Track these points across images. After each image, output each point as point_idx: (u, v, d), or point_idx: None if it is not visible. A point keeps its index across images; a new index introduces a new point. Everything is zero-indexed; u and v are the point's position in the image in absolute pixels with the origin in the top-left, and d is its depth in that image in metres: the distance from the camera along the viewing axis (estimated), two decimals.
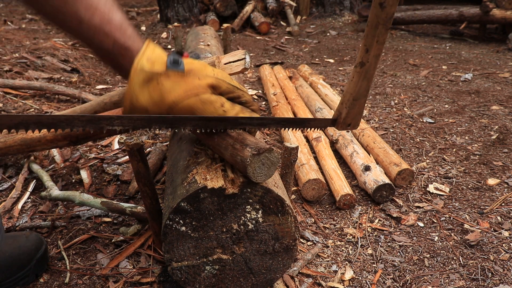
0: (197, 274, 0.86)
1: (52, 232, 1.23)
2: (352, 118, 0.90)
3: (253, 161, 0.75)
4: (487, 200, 1.43)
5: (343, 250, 1.19)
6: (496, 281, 1.06)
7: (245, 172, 0.77)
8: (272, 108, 2.15)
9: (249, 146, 0.76)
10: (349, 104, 0.87)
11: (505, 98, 2.40)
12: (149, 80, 0.75)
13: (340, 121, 0.90)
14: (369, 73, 0.83)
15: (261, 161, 0.76)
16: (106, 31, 0.72)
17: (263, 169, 0.77)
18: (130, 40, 0.75)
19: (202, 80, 0.77)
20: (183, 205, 0.79)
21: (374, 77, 2.90)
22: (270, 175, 0.79)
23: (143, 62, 0.75)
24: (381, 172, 1.45)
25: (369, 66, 0.81)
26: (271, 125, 0.85)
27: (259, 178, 0.78)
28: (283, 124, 0.86)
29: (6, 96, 2.24)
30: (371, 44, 0.79)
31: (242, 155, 0.76)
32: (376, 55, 0.80)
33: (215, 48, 1.85)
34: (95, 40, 0.73)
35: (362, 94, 0.86)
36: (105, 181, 1.51)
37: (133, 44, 0.76)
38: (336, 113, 0.91)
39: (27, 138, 1.27)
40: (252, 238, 0.84)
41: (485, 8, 3.87)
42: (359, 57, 0.82)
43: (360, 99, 0.87)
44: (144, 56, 0.75)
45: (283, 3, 4.89)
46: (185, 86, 0.76)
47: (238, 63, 1.05)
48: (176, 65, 0.76)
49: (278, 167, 0.94)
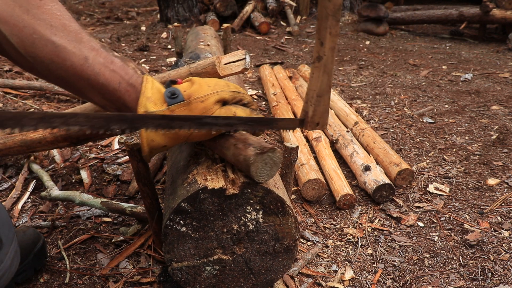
0: (197, 275, 0.86)
1: (52, 232, 1.23)
2: (320, 117, 0.86)
3: (256, 160, 0.75)
4: (487, 200, 1.43)
5: (343, 250, 1.19)
6: (496, 281, 1.06)
7: (248, 172, 0.77)
8: (272, 108, 2.15)
9: (252, 146, 0.76)
10: (314, 102, 0.84)
11: (505, 98, 2.40)
12: None
13: (307, 121, 0.87)
14: (328, 67, 0.81)
15: (264, 160, 0.76)
16: (112, 68, 0.73)
17: (266, 169, 0.77)
18: (134, 77, 0.76)
19: (206, 102, 0.77)
20: (183, 205, 0.79)
21: (374, 77, 2.90)
22: (272, 176, 0.78)
23: (147, 104, 0.74)
24: (381, 172, 1.45)
25: (326, 60, 0.80)
26: (238, 126, 0.81)
27: (262, 178, 0.78)
28: (250, 124, 0.83)
29: (6, 96, 2.24)
30: (325, 37, 0.78)
31: (245, 154, 0.76)
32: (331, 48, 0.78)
33: (215, 48, 1.85)
34: (100, 78, 0.72)
35: (325, 90, 0.83)
36: (105, 181, 1.51)
37: (137, 80, 0.76)
38: (303, 113, 0.88)
39: (27, 139, 1.27)
40: (253, 238, 0.84)
41: (485, 8, 3.87)
42: (315, 52, 0.80)
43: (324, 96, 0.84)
44: (145, 97, 0.75)
45: (283, 3, 4.88)
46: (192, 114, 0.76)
47: (238, 63, 1.05)
48: (174, 97, 0.76)
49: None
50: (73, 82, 0.72)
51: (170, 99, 0.76)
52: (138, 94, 0.75)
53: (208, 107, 0.77)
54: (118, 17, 5.51)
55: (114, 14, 5.72)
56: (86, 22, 5.32)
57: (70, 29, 0.70)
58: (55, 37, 0.67)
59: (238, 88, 0.84)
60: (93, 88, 0.73)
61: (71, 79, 0.72)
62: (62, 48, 0.68)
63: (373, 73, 3.02)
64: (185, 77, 1.07)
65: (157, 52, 3.63)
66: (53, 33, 0.67)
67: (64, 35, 0.68)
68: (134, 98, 0.75)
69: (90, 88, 0.73)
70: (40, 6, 0.67)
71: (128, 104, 0.76)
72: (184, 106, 0.76)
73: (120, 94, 0.75)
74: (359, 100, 2.45)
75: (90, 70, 0.71)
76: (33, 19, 0.66)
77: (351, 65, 3.25)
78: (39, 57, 0.68)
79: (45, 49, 0.67)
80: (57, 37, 0.68)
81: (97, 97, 0.76)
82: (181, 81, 0.82)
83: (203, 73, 1.06)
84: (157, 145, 0.77)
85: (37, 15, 0.67)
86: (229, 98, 0.81)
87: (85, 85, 0.73)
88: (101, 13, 5.90)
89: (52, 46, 0.67)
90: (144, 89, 0.76)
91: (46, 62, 0.68)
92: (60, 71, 0.70)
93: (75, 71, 0.70)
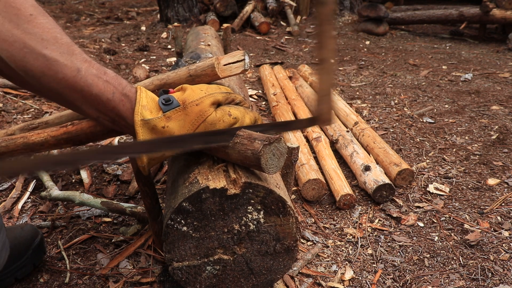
0: (198, 274, 0.86)
1: (52, 232, 1.23)
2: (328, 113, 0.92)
3: (265, 151, 0.75)
4: (487, 200, 1.43)
5: (343, 250, 1.19)
6: (496, 281, 1.07)
7: (257, 165, 0.77)
8: (272, 108, 2.15)
9: (258, 139, 0.77)
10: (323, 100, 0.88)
11: (505, 98, 2.40)
12: (153, 128, 0.75)
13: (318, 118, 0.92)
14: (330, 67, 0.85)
15: (272, 151, 0.76)
16: (105, 79, 0.72)
17: (274, 160, 0.77)
18: (127, 87, 0.76)
19: (201, 104, 0.78)
20: (184, 205, 0.80)
21: (374, 77, 2.90)
22: (280, 167, 0.79)
23: (143, 112, 0.74)
24: (381, 172, 1.46)
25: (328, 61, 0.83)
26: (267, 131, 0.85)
27: (271, 170, 0.78)
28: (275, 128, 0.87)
29: (6, 96, 2.24)
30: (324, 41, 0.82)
31: (252, 148, 0.76)
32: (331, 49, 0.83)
33: (215, 48, 1.85)
34: (93, 89, 0.71)
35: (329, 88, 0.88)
36: (105, 181, 1.51)
37: (130, 90, 0.76)
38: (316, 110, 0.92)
39: (29, 142, 1.27)
40: (253, 238, 0.84)
41: (485, 8, 3.87)
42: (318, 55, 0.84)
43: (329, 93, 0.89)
44: (141, 106, 0.75)
45: (283, 3, 4.88)
46: (189, 119, 0.77)
47: (238, 64, 1.05)
48: (169, 103, 0.76)
49: None
50: (65, 94, 0.71)
51: (165, 105, 0.76)
52: (132, 103, 0.75)
53: (204, 109, 0.78)
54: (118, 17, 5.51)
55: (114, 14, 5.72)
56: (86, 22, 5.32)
57: (61, 41, 0.69)
58: (46, 50, 0.67)
59: (228, 90, 0.86)
60: (86, 100, 0.73)
61: (64, 92, 0.71)
62: (54, 60, 0.67)
63: (373, 73, 3.02)
64: (184, 78, 1.07)
65: (157, 52, 3.63)
66: (44, 47, 0.67)
67: (56, 48, 0.68)
68: (128, 108, 0.75)
69: (83, 100, 0.73)
70: (31, 21, 0.67)
71: (123, 114, 0.75)
72: (180, 111, 0.76)
73: (115, 104, 0.74)
74: (359, 100, 2.45)
75: (83, 82, 0.70)
76: (24, 33, 0.65)
77: (351, 65, 3.25)
78: (30, 70, 0.67)
79: (36, 63, 0.66)
80: (48, 50, 0.67)
81: (91, 109, 0.75)
82: (173, 91, 0.83)
83: (203, 75, 1.06)
84: (156, 154, 0.77)
85: (28, 30, 0.66)
86: (222, 99, 0.82)
87: (78, 97, 0.72)
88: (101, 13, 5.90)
89: (44, 59, 0.67)
90: (139, 97, 0.75)
91: (38, 75, 0.67)
92: (52, 84, 0.69)
93: (68, 83, 0.69)
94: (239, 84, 1.34)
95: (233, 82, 1.27)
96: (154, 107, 0.76)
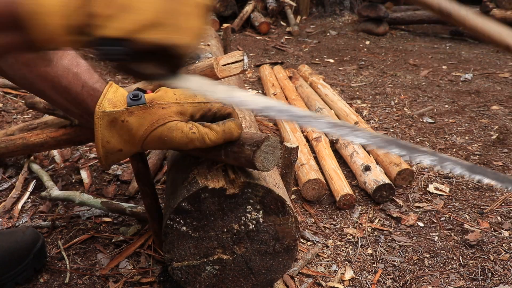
0: (197, 274, 0.86)
1: (52, 232, 1.23)
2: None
3: (257, 155, 0.76)
4: (487, 200, 1.43)
5: (343, 250, 1.19)
6: (496, 281, 1.06)
7: (255, 168, 0.77)
8: None
9: (246, 144, 0.77)
10: None
11: (505, 98, 2.40)
12: (113, 121, 0.73)
13: None
14: None
15: (263, 151, 0.77)
16: (76, 71, 0.72)
17: (269, 157, 0.78)
18: (98, 82, 0.75)
19: (167, 109, 0.75)
20: (183, 205, 0.80)
21: (374, 77, 2.90)
22: (277, 159, 0.80)
23: (105, 104, 0.73)
24: (381, 172, 1.46)
25: None
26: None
27: (270, 166, 0.78)
28: None
29: (6, 96, 2.24)
30: None
31: (244, 155, 0.77)
32: None
33: (215, 48, 1.85)
34: (63, 81, 0.70)
35: None
36: (105, 181, 1.51)
37: (101, 86, 0.75)
38: None
39: (29, 143, 1.27)
40: (253, 238, 0.84)
41: (485, 8, 3.87)
42: None
43: None
44: (105, 99, 0.74)
45: (283, 3, 4.88)
46: (150, 118, 0.74)
47: (237, 64, 1.05)
48: (136, 99, 0.75)
49: (279, 164, 0.94)
50: (36, 83, 0.71)
51: (132, 100, 0.74)
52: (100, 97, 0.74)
53: (167, 114, 0.75)
54: None
55: None
56: None
57: None
58: None
59: (205, 99, 0.81)
60: (56, 90, 0.72)
61: (35, 80, 0.70)
62: None
63: (373, 73, 3.02)
64: None
65: None
66: None
67: None
68: (96, 102, 0.74)
69: (53, 90, 0.72)
70: None
71: (91, 109, 0.74)
72: (144, 109, 0.74)
73: (83, 98, 0.73)
74: (359, 100, 2.45)
75: (53, 72, 0.70)
76: None
77: (351, 65, 3.25)
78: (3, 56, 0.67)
79: None
80: None
81: (61, 99, 0.74)
82: (150, 91, 0.81)
83: (202, 75, 1.06)
84: (112, 148, 0.75)
85: None
86: (193, 110, 0.78)
87: (48, 87, 0.72)
88: None
89: None
90: (106, 91, 0.74)
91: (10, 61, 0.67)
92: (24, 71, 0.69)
93: (39, 72, 0.69)
94: (239, 84, 1.34)
95: (233, 82, 1.27)
96: (120, 101, 0.75)
